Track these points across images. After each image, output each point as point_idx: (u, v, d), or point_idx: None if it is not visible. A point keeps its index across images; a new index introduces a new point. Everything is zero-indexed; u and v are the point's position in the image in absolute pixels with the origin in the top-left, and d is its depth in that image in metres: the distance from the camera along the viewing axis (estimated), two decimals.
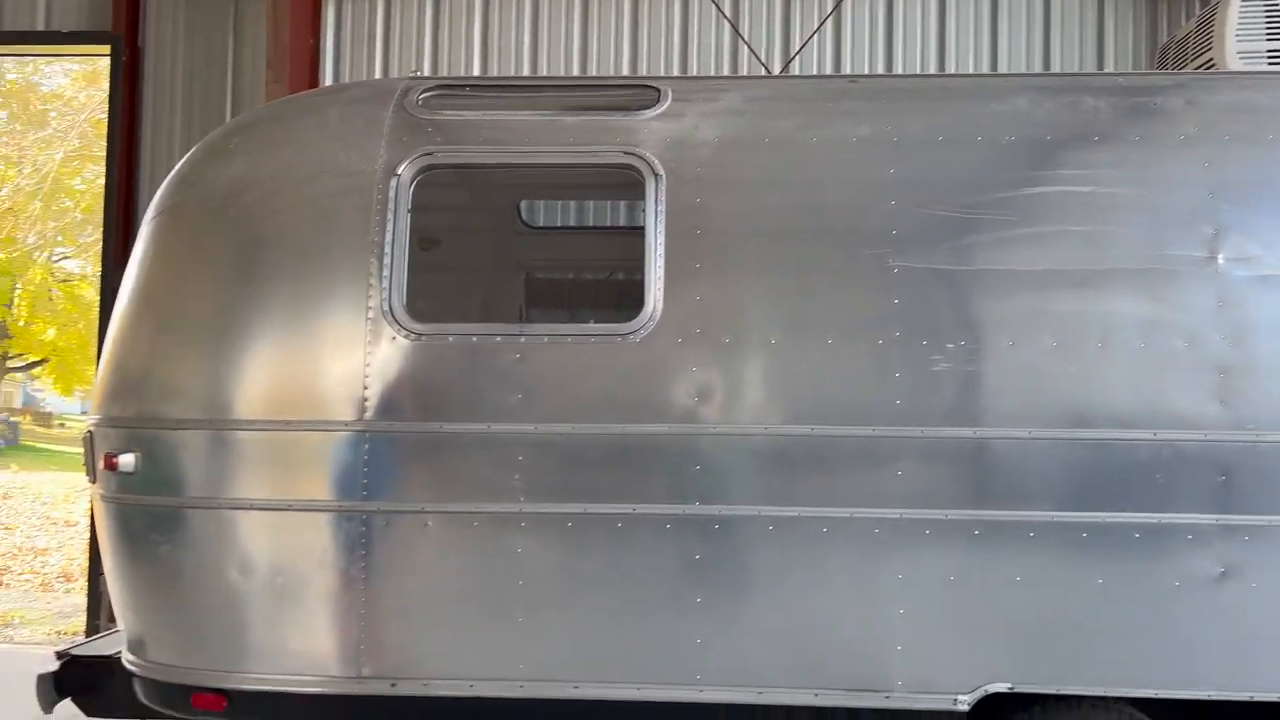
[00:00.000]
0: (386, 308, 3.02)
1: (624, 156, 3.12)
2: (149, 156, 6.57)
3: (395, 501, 3.00)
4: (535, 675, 2.96)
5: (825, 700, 2.89)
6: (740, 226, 3.06)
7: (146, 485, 3.06)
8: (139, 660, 3.17)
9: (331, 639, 2.97)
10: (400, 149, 3.13)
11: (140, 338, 3.20)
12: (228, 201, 3.20)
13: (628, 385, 3.01)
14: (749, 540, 2.94)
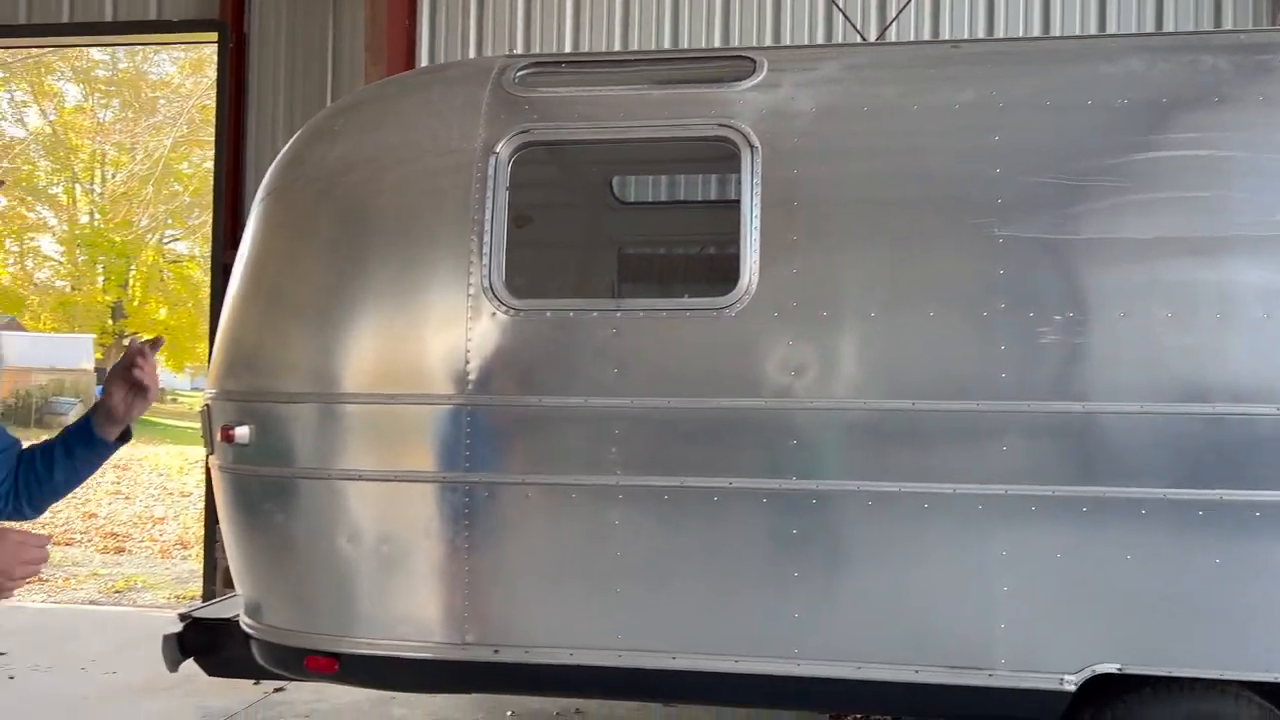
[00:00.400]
0: (487, 284, 3.07)
1: (719, 129, 3.10)
2: (254, 140, 6.79)
3: (496, 473, 3.06)
4: (633, 645, 2.99)
5: (925, 677, 2.86)
6: (838, 197, 3.01)
7: (261, 456, 3.19)
8: (255, 624, 3.31)
9: (436, 606, 3.06)
10: (498, 127, 3.17)
11: (252, 315, 3.33)
12: (333, 181, 3.30)
13: (723, 359, 3.00)
14: (847, 515, 2.92)
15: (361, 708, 4.82)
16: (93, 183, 32.04)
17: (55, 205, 31.47)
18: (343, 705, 4.86)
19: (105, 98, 30.73)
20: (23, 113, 30.71)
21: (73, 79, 30.27)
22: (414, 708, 4.80)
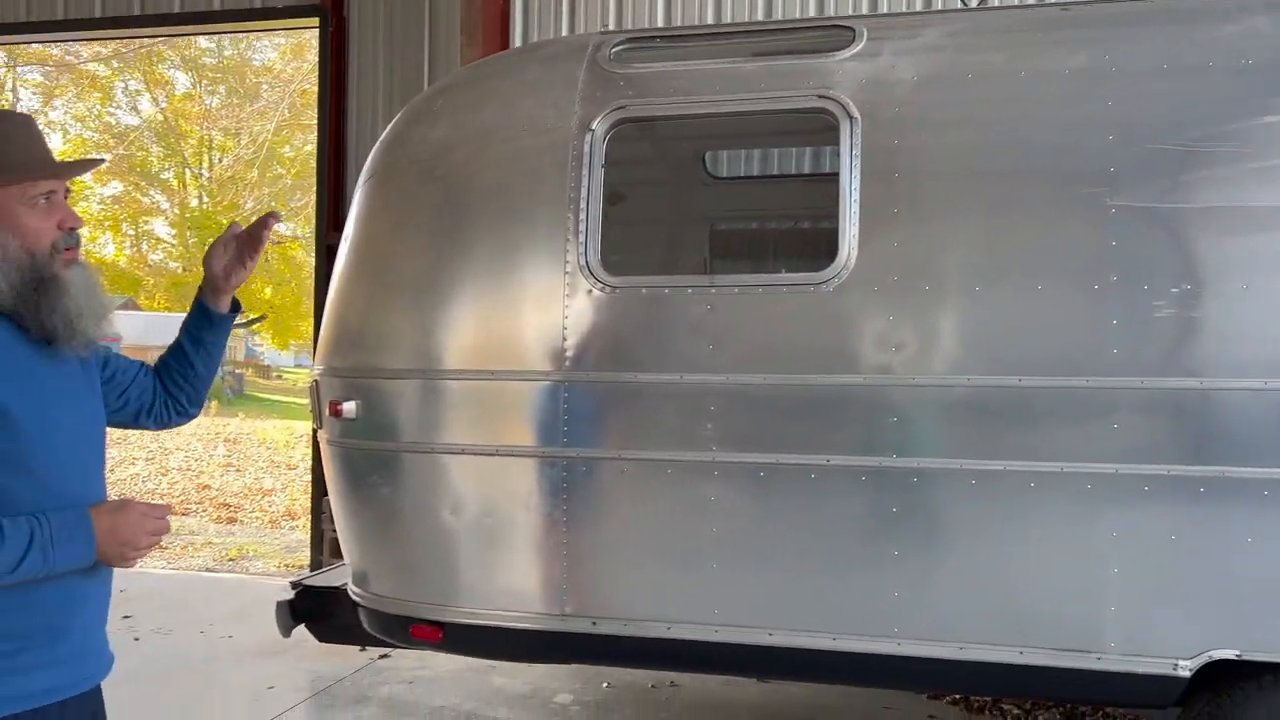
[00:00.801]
0: (583, 261, 3.09)
1: (817, 100, 3.05)
2: (354, 122, 6.95)
3: (593, 448, 3.09)
4: (730, 621, 3.00)
5: (1031, 659, 2.80)
6: (942, 168, 2.94)
7: (367, 430, 3.29)
8: (363, 592, 3.43)
9: (536, 578, 3.12)
10: (594, 104, 3.18)
11: (357, 293, 3.42)
12: (434, 162, 3.36)
13: (821, 335, 2.97)
14: (949, 494, 2.87)
15: (463, 676, 4.96)
16: (201, 167, 33.33)
17: (167, 190, 32.86)
18: (444, 673, 5.00)
19: (212, 84, 31.88)
20: (136, 101, 32.07)
21: (181, 67, 31.46)
22: (513, 677, 4.91)
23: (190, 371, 2.03)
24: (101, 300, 1.71)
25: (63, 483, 1.64)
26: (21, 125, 1.68)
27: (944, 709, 4.58)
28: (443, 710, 4.50)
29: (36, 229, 1.64)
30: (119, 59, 29.45)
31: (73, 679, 1.66)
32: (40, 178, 1.64)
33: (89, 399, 1.79)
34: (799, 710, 4.56)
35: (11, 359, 1.60)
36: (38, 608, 1.60)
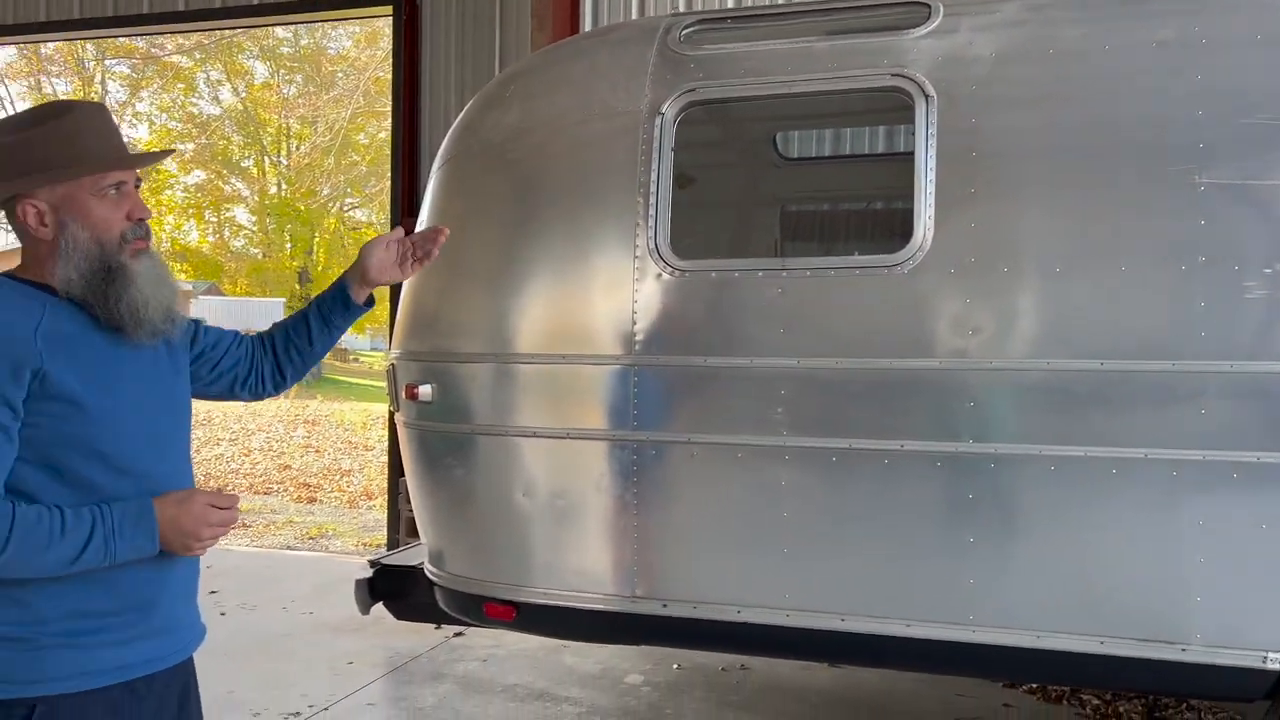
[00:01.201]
0: (652, 245, 3.09)
1: (891, 79, 3.00)
2: (428, 109, 7.04)
3: (663, 432, 3.10)
4: (801, 605, 2.99)
5: (1112, 649, 2.73)
6: (1021, 147, 2.86)
7: (442, 413, 3.35)
8: (438, 571, 3.50)
9: (607, 559, 3.15)
10: (664, 87, 3.17)
11: (433, 279, 3.48)
12: (506, 147, 3.39)
13: (895, 318, 2.93)
14: (1027, 480, 2.81)
15: (535, 655, 5.03)
16: (279, 155, 34.13)
17: (247, 178, 33.74)
18: (517, 652, 5.08)
19: (289, 74, 32.57)
20: (217, 91, 32.93)
21: (260, 57, 32.20)
22: (584, 657, 4.97)
23: (307, 346, 2.07)
24: (169, 291, 1.72)
25: (136, 464, 1.67)
26: (92, 116, 1.69)
27: (1020, 698, 4.51)
28: (515, 688, 4.58)
29: (106, 219, 1.66)
30: (201, 50, 30.25)
31: (161, 652, 1.72)
32: (110, 169, 1.66)
33: (169, 381, 1.82)
34: (871, 696, 4.53)
35: (81, 346, 1.63)
36: (127, 584, 1.65)
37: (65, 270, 1.63)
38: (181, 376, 1.88)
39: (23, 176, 1.63)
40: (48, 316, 1.62)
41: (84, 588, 1.61)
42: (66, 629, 1.60)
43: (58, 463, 1.59)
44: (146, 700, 1.70)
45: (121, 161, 1.68)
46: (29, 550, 1.52)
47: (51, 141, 1.63)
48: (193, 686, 1.84)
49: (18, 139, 1.65)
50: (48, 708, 1.57)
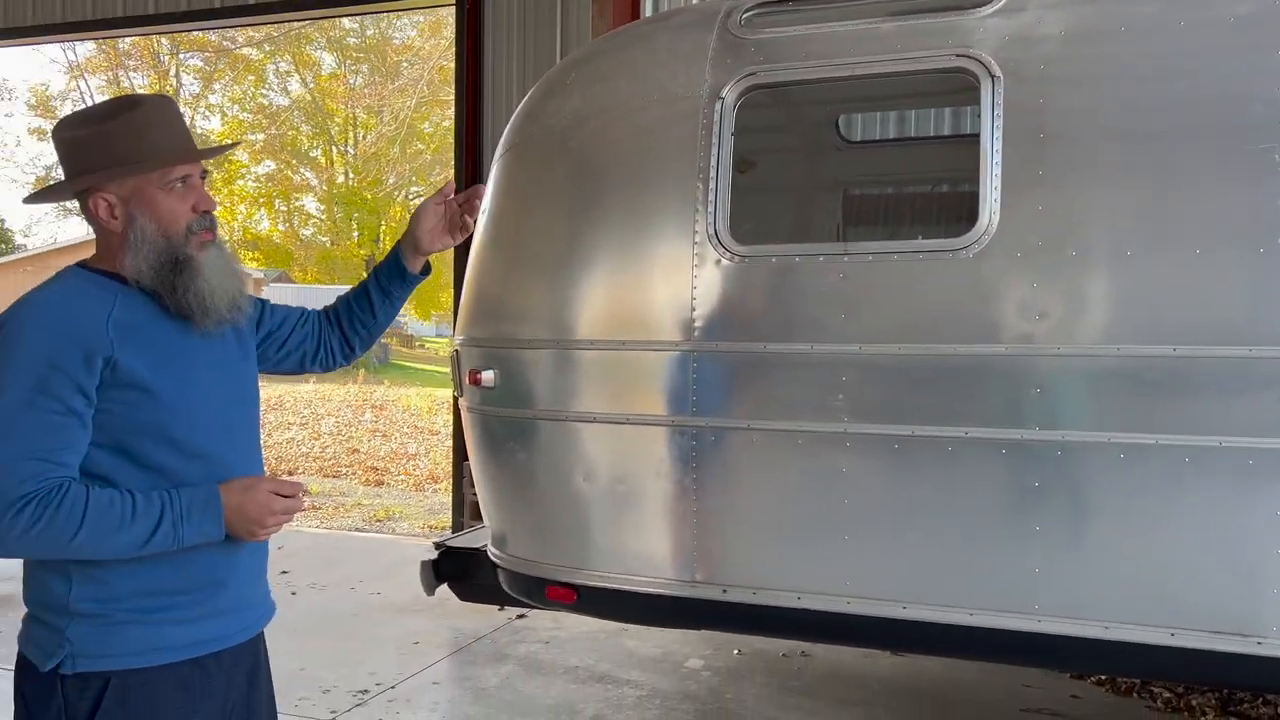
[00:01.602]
0: (711, 231, 3.08)
1: (956, 60, 2.94)
2: (490, 97, 7.10)
3: (722, 418, 3.10)
4: (862, 593, 2.97)
5: (1183, 640, 2.67)
6: (1091, 127, 2.79)
7: (504, 398, 3.39)
8: (501, 553, 3.55)
9: (667, 544, 3.16)
10: (724, 72, 3.15)
11: (495, 266, 3.52)
12: (567, 135, 3.40)
13: (959, 303, 2.88)
14: (1096, 469, 2.75)
15: (596, 638, 5.08)
16: (346, 145, 34.70)
17: (315, 167, 34.38)
18: (578, 634, 5.14)
19: (355, 64, 33.07)
20: (286, 82, 33.58)
21: (327, 48, 32.73)
22: (645, 640, 5.01)
23: (370, 318, 2.12)
24: (235, 280, 1.77)
25: (206, 449, 1.72)
26: (159, 110, 1.72)
27: (1088, 689, 4.43)
28: (577, 670, 4.63)
29: (172, 212, 1.70)
30: (270, 42, 30.87)
31: (229, 630, 1.77)
32: (175, 164, 1.70)
33: (237, 367, 1.87)
34: (934, 685, 4.49)
35: (152, 335, 1.69)
36: (197, 565, 1.71)
37: (135, 261, 1.69)
38: (249, 362, 1.92)
39: (94, 171, 1.68)
40: (119, 306, 1.67)
41: (155, 567, 1.67)
42: (138, 606, 1.66)
43: (130, 448, 1.65)
44: (216, 677, 1.75)
45: (186, 155, 1.72)
46: (102, 533, 1.58)
47: (120, 136, 1.67)
48: (263, 663, 1.90)
49: (90, 133, 1.69)
50: (120, 681, 1.64)
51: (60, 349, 1.59)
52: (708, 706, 4.22)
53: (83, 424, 1.61)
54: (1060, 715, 4.16)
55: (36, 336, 1.60)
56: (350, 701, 4.21)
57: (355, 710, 4.12)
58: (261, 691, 1.89)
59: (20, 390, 1.57)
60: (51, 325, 1.61)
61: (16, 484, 1.55)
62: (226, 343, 1.83)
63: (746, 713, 4.15)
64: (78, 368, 1.59)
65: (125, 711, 1.63)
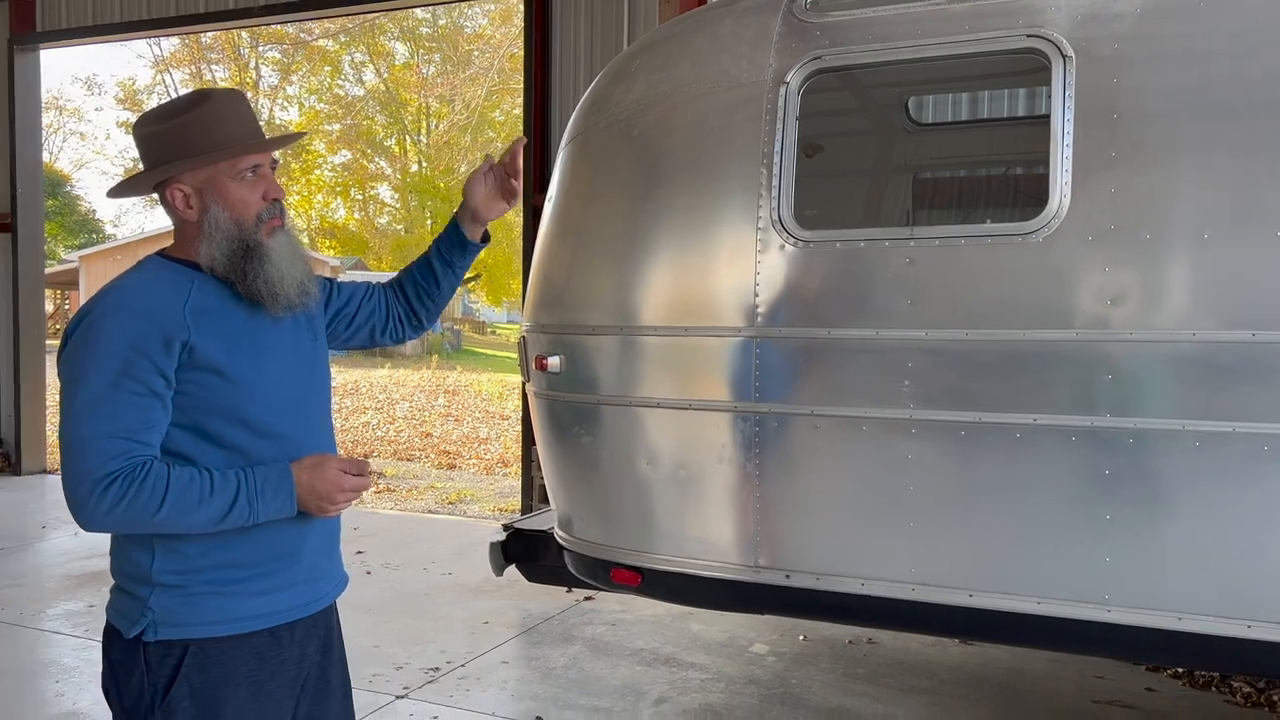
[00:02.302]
0: (775, 217, 3.08)
1: (1027, 39, 2.88)
2: (559, 84, 7.15)
3: (785, 404, 3.10)
4: (927, 580, 2.96)
5: (1260, 633, 2.60)
6: (1167, 107, 2.71)
7: (570, 383, 3.44)
8: (567, 536, 3.61)
9: (730, 529, 3.18)
10: (789, 56, 3.14)
11: (561, 253, 3.56)
12: (631, 122, 3.42)
13: (1029, 288, 2.83)
14: (1170, 457, 2.68)
15: (662, 621, 5.13)
16: (419, 134, 35.23)
17: (390, 156, 34.99)
18: (644, 617, 5.19)
19: (428, 54, 33.51)
20: (361, 73, 34.19)
21: (400, 38, 33.22)
22: (710, 624, 5.04)
23: (434, 289, 2.19)
24: (301, 265, 1.83)
25: (278, 429, 1.80)
26: (230, 103, 1.79)
27: (1164, 682, 4.33)
28: (642, 653, 4.68)
29: (243, 201, 1.76)
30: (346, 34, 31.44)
31: (303, 600, 1.85)
32: (245, 154, 1.77)
33: (308, 349, 1.93)
34: (1003, 675, 4.44)
35: (226, 320, 1.77)
36: (271, 539, 1.79)
37: (209, 249, 1.76)
38: (319, 343, 1.99)
39: (169, 163, 1.77)
40: (195, 293, 1.76)
41: (232, 542, 1.76)
42: (216, 578, 1.75)
43: (206, 428, 1.74)
44: (289, 647, 1.83)
45: (255, 146, 1.78)
46: (182, 509, 1.66)
47: (194, 129, 1.75)
48: (335, 634, 1.97)
49: (166, 127, 1.78)
50: (199, 649, 1.73)
51: (142, 334, 1.67)
52: (772, 691, 4.23)
53: (163, 405, 1.69)
54: (1133, 708, 4.08)
55: (119, 323, 1.68)
56: (422, 679, 4.33)
57: (427, 687, 4.23)
58: (335, 662, 1.96)
59: (106, 374, 1.65)
60: (133, 312, 1.69)
61: (103, 462, 1.63)
62: (297, 326, 1.90)
63: (811, 698, 4.16)
64: (158, 351, 1.67)
65: (203, 677, 1.72)
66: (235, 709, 1.73)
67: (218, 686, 1.72)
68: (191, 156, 1.75)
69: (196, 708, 1.71)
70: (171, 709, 1.70)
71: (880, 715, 3.99)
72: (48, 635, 4.86)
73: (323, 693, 1.92)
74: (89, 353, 1.67)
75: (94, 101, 60.53)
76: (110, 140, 64.82)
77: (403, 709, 4.00)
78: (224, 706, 1.73)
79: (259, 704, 1.76)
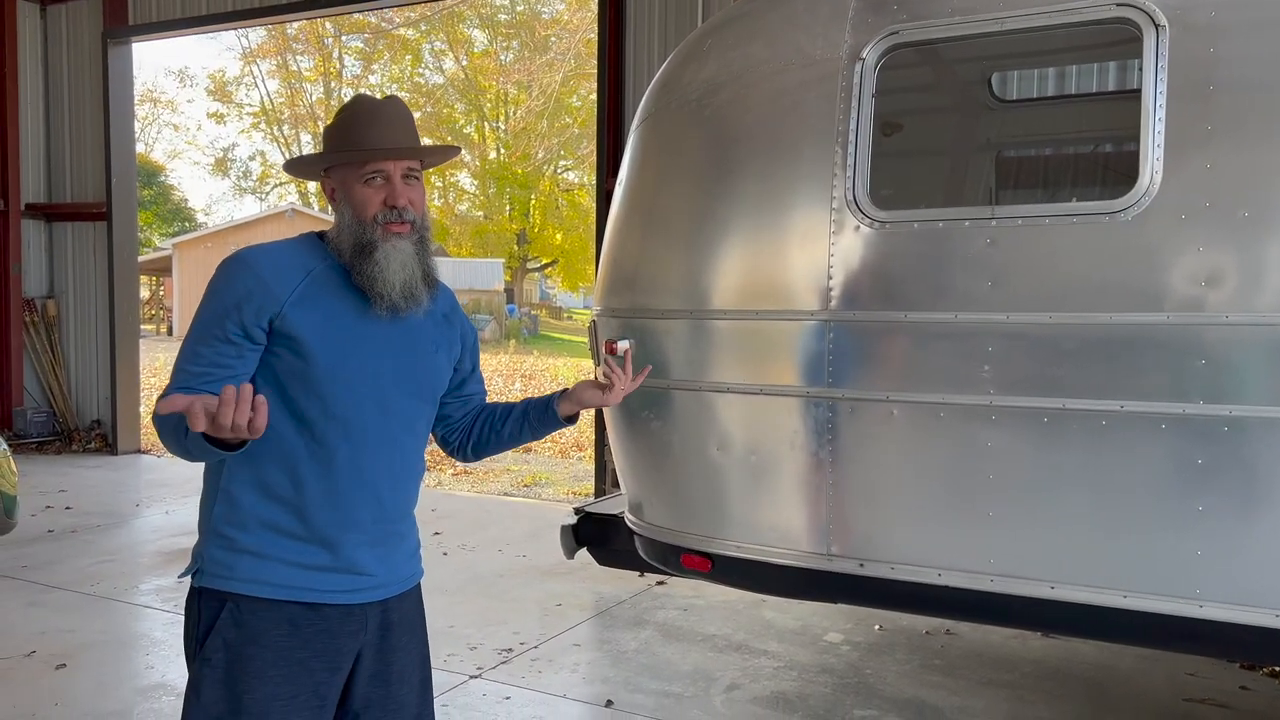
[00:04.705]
0: (850, 197, 3.01)
1: (1116, 9, 2.75)
2: (632, 67, 7.11)
3: (860, 389, 3.03)
4: (1007, 571, 2.87)
5: None
6: (1268, 78, 2.56)
7: (640, 368, 3.40)
8: (638, 520, 3.60)
9: (802, 516, 3.13)
10: (865, 32, 3.05)
11: (631, 237, 3.54)
12: (703, 102, 3.38)
13: (1116, 269, 2.71)
14: (1267, 445, 2.55)
15: (734, 607, 5.10)
16: (498, 121, 35.56)
17: (469, 143, 35.42)
18: (716, 603, 5.17)
19: (506, 40, 33.77)
20: (441, 61, 34.64)
21: (479, 25, 33.54)
22: (784, 612, 4.99)
23: (500, 427, 2.20)
24: (409, 273, 1.88)
25: (350, 415, 1.85)
26: (369, 111, 1.90)
27: (1261, 681, 4.15)
28: (714, 639, 4.66)
29: (364, 203, 1.87)
30: (426, 22, 31.86)
31: (337, 588, 1.85)
32: (366, 161, 1.86)
33: (421, 356, 1.98)
34: (1088, 670, 4.30)
35: (332, 304, 1.85)
36: (314, 520, 1.83)
37: (338, 239, 1.90)
38: (437, 357, 2.03)
39: (322, 156, 1.93)
40: (320, 271, 1.87)
41: (279, 506, 1.83)
42: (259, 538, 1.82)
43: (288, 390, 1.83)
44: (334, 623, 1.85)
45: (374, 154, 1.87)
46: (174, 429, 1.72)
47: (340, 130, 1.90)
48: (397, 623, 1.95)
49: (332, 124, 1.93)
50: (235, 604, 1.80)
51: (249, 291, 1.79)
52: (846, 680, 4.17)
53: (239, 354, 1.79)
54: (1226, 707, 3.91)
55: (237, 275, 1.81)
56: (496, 659, 4.37)
57: (500, 668, 4.28)
58: (400, 648, 1.96)
59: (208, 316, 1.80)
60: (251, 271, 1.81)
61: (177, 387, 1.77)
62: (415, 332, 1.96)
63: (886, 689, 4.08)
64: (252, 313, 1.78)
65: (238, 632, 1.79)
66: (260, 670, 1.78)
67: (247, 644, 1.79)
68: (330, 154, 1.91)
69: (227, 661, 1.79)
70: (207, 657, 1.80)
71: (957, 708, 3.90)
72: (139, 609, 5.05)
73: (382, 676, 1.93)
74: (210, 291, 1.83)
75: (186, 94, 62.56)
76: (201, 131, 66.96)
77: (475, 689, 4.05)
78: (249, 664, 1.78)
79: (287, 670, 1.80)
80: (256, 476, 1.82)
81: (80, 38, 9.98)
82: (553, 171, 35.31)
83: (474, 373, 2.21)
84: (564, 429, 2.32)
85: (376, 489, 1.89)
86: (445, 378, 2.08)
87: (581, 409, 2.24)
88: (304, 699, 1.81)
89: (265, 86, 36.21)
